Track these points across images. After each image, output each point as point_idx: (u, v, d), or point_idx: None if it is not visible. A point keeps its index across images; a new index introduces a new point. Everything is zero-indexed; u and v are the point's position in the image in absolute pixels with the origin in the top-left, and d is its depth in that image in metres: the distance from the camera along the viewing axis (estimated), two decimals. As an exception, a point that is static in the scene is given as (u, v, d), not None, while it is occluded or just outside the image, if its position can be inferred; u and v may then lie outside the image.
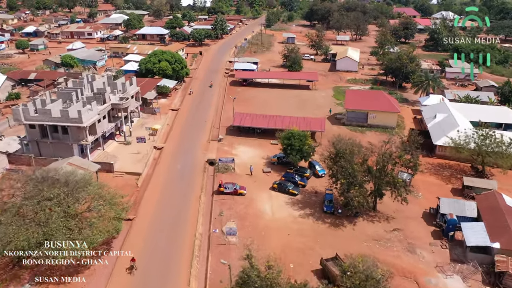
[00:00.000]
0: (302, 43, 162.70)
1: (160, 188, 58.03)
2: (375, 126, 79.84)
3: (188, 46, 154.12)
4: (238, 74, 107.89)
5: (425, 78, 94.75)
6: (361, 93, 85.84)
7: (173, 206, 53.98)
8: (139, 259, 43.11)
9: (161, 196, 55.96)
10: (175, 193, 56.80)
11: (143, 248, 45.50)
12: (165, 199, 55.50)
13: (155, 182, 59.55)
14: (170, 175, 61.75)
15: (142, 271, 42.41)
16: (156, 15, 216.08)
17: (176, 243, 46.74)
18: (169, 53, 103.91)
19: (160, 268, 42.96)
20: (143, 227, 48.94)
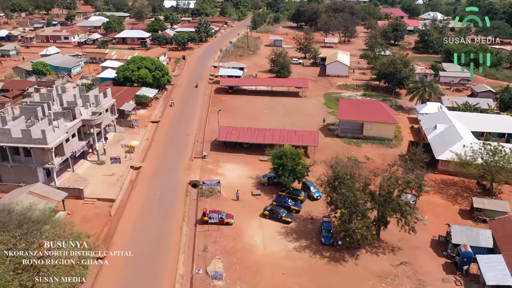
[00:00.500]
0: (289, 46, 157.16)
1: (137, 216, 51.39)
2: (371, 137, 74.36)
3: (170, 50, 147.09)
4: (224, 81, 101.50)
5: (421, 85, 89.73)
6: (355, 103, 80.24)
7: (151, 239, 47.44)
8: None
9: (137, 227, 49.33)
10: (154, 223, 50.23)
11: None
12: (142, 230, 48.89)
13: (131, 209, 52.86)
14: (148, 200, 55.10)
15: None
16: (137, 17, 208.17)
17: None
18: (149, 59, 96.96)
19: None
20: (115, 268, 42.24)
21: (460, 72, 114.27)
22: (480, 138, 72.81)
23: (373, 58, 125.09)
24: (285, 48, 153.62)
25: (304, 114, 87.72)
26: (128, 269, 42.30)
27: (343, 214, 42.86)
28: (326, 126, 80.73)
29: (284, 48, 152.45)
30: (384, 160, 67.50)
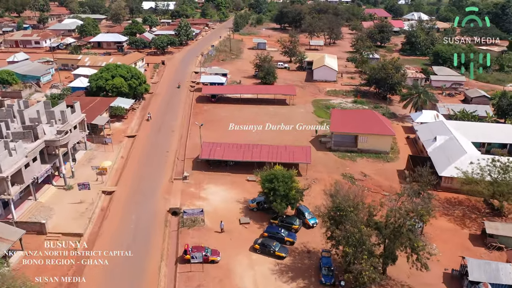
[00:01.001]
0: (273, 48, 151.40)
1: (108, 255, 44.49)
2: (366, 151, 68.98)
3: (149, 54, 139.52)
4: (206, 89, 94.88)
5: (415, 91, 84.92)
6: (348, 113, 74.70)
7: (124, 284, 40.75)
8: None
9: (108, 269, 42.48)
10: (128, 262, 43.43)
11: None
12: (114, 273, 42.12)
13: (101, 245, 46.00)
14: (121, 233, 48.32)
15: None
16: (114, 19, 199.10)
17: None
18: (124, 67, 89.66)
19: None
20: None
21: (452, 76, 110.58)
22: (480, 149, 68.35)
23: (361, 62, 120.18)
24: (270, 51, 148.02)
25: (293, 125, 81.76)
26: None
27: (347, 254, 36.96)
28: (317, 138, 75.04)
29: (268, 51, 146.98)
30: (382, 177, 62.46)
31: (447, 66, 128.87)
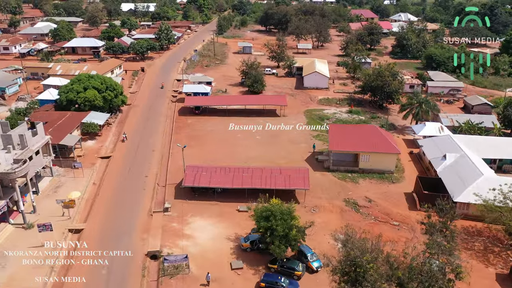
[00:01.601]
0: (259, 52, 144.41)
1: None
2: (368, 170, 62.24)
3: (127, 60, 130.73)
4: (189, 100, 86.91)
5: (416, 101, 78.68)
6: (348, 129, 67.56)
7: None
8: None
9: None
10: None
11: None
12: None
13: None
14: (90, 285, 40.31)
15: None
16: (91, 22, 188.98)
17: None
18: (98, 77, 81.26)
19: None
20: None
21: (450, 81, 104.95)
22: (492, 166, 62.38)
23: (353, 67, 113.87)
24: (256, 55, 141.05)
25: (286, 139, 74.79)
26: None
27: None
28: (313, 156, 68.05)
29: (254, 56, 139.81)
30: (389, 202, 55.76)
31: (441, 70, 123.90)
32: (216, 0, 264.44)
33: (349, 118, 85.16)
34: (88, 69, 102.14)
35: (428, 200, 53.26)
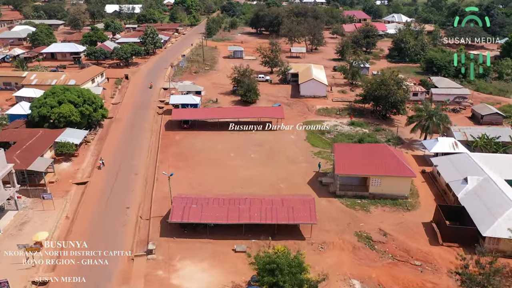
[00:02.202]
0: (251, 57, 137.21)
1: None
2: (379, 196, 55.28)
3: (110, 67, 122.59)
4: (176, 113, 79.06)
5: (426, 113, 72.02)
6: (355, 148, 60.06)
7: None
8: None
9: None
10: None
11: None
12: None
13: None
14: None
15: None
16: (73, 25, 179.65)
17: None
18: (74, 90, 73.12)
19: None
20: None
21: (455, 88, 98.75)
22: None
23: (352, 74, 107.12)
24: (247, 60, 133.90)
25: (284, 157, 67.57)
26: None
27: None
28: (316, 177, 60.93)
29: (246, 61, 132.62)
30: (407, 235, 48.88)
31: (443, 75, 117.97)
32: (205, 1, 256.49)
33: (352, 131, 78.29)
34: (66, 78, 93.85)
35: (452, 233, 46.76)
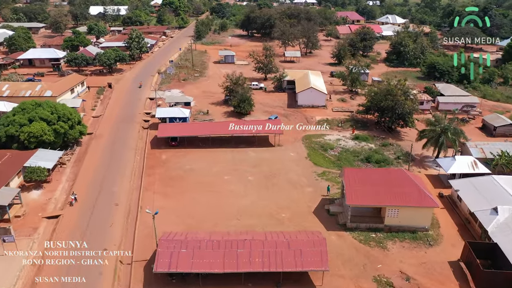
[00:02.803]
0: (243, 62, 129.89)
1: None
2: (396, 228, 48.37)
3: (93, 74, 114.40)
4: (163, 129, 71.17)
5: (440, 128, 65.31)
6: (368, 174, 52.28)
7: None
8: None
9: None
10: None
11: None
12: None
13: None
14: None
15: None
16: (54, 28, 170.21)
17: None
18: (47, 105, 65.02)
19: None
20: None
21: (463, 96, 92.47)
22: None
23: (350, 79, 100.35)
24: (239, 65, 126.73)
25: (287, 179, 60.31)
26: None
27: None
28: (323, 203, 53.86)
29: (238, 65, 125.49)
30: (432, 278, 41.97)
31: (446, 80, 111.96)
32: (193, 3, 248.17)
33: (357, 147, 71.38)
34: (42, 89, 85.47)
35: (487, 278, 39.92)
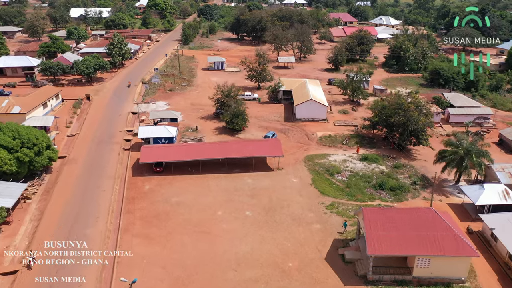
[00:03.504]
0: (234, 68, 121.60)
1: None
2: (427, 280, 40.27)
3: (70, 84, 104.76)
4: (146, 154, 61.88)
5: (462, 149, 57.42)
6: (391, 216, 42.21)
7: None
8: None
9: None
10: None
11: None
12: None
13: None
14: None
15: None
16: (31, 32, 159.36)
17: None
18: (8, 128, 55.56)
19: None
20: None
21: (475, 107, 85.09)
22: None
23: (351, 88, 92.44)
24: (230, 71, 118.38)
25: (290, 214, 51.81)
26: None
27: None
28: (335, 247, 45.53)
29: (228, 72, 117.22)
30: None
31: (452, 88, 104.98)
32: (180, 4, 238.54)
33: (367, 170, 63.23)
34: (10, 104, 76.05)
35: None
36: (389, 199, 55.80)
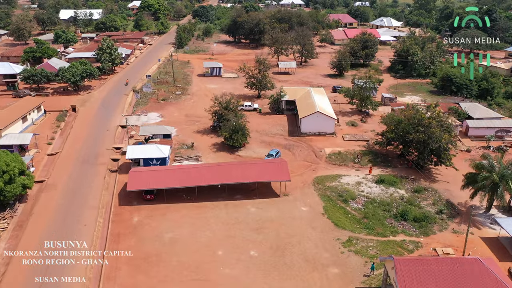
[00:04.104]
0: (231, 74, 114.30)
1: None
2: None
3: (56, 92, 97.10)
4: (134, 179, 54.16)
5: (496, 175, 50.30)
6: (430, 269, 34.65)
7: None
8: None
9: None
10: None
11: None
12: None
13: None
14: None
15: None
16: (17, 35, 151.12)
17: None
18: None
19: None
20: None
21: (496, 119, 78.15)
22: None
23: (359, 98, 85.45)
24: (227, 78, 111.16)
25: (302, 253, 44.52)
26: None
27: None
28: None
29: (226, 79, 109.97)
30: None
31: (465, 96, 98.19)
32: (174, 5, 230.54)
33: (385, 196, 56.06)
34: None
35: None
36: (414, 233, 48.69)
